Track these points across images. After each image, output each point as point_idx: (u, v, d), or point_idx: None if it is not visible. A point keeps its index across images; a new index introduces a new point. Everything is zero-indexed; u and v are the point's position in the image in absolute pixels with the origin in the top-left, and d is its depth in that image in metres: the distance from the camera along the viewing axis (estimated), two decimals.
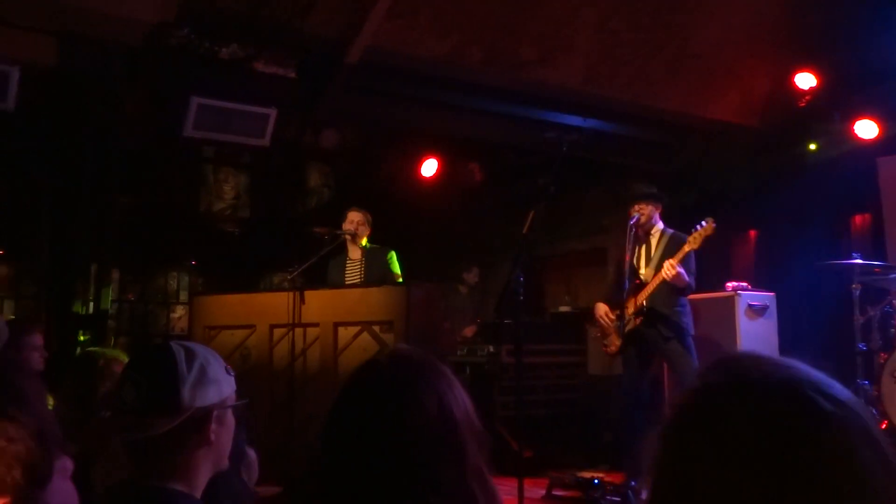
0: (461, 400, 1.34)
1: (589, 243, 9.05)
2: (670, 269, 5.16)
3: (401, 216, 7.47)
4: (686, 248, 5.22)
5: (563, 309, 8.46)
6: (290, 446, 5.13)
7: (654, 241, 5.50)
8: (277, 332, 5.43)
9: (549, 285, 9.67)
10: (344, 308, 5.32)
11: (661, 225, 5.55)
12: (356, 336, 5.22)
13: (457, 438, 1.29)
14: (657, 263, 5.37)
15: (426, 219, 8.44)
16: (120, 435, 1.58)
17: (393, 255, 5.87)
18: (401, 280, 5.67)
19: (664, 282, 5.28)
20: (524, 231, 4.28)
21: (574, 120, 7.08)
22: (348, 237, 5.84)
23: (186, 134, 5.82)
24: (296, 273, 5.40)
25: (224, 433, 1.67)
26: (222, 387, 1.67)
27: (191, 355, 1.63)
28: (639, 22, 6.20)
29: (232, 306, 5.71)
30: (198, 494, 1.64)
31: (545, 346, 7.17)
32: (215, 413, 1.63)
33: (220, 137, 6.20)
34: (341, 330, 5.27)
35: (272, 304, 5.46)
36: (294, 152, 8.17)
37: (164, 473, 1.58)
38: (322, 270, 5.97)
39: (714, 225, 5.17)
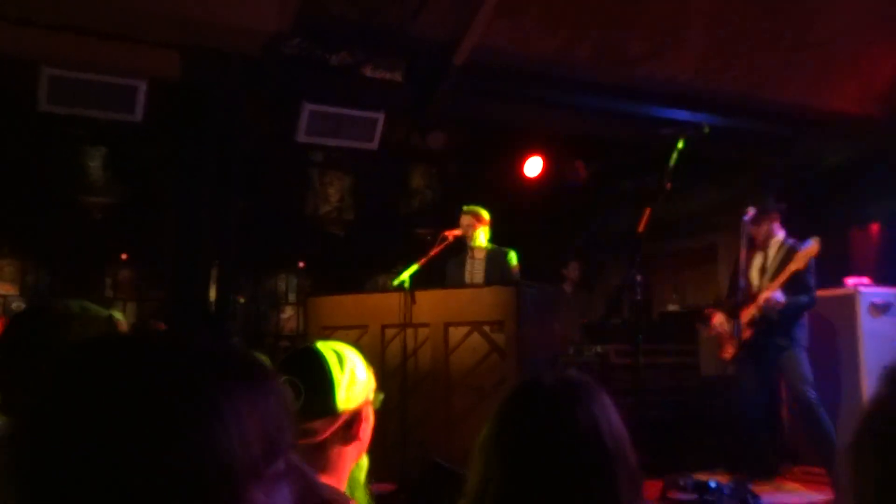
0: (619, 434, 1.30)
1: (698, 241, 8.83)
2: (766, 302, 5.04)
3: (506, 215, 7.47)
4: (792, 268, 5.07)
5: (672, 308, 8.29)
6: (404, 444, 5.20)
7: (772, 252, 5.36)
8: (389, 331, 5.51)
9: (656, 284, 9.47)
10: (454, 308, 5.35)
11: (781, 235, 5.38)
12: (466, 336, 5.25)
13: (610, 475, 1.25)
14: (773, 274, 5.24)
15: (531, 218, 8.40)
16: None
17: (513, 255, 5.93)
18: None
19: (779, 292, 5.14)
20: (640, 230, 4.22)
21: (683, 115, 6.89)
22: (458, 237, 5.91)
23: (299, 139, 6.00)
24: (404, 276, 5.46)
25: (368, 428, 1.73)
26: (367, 385, 1.72)
27: (341, 359, 1.68)
28: (753, 12, 6.00)
29: (345, 307, 5.82)
30: (343, 487, 1.70)
31: (654, 346, 7.04)
32: (364, 412, 1.69)
33: (330, 142, 6.36)
34: (452, 330, 5.31)
35: (384, 305, 5.54)
36: (398, 154, 8.29)
37: (314, 468, 1.64)
38: (437, 270, 6.05)
39: (819, 246, 5.00)
